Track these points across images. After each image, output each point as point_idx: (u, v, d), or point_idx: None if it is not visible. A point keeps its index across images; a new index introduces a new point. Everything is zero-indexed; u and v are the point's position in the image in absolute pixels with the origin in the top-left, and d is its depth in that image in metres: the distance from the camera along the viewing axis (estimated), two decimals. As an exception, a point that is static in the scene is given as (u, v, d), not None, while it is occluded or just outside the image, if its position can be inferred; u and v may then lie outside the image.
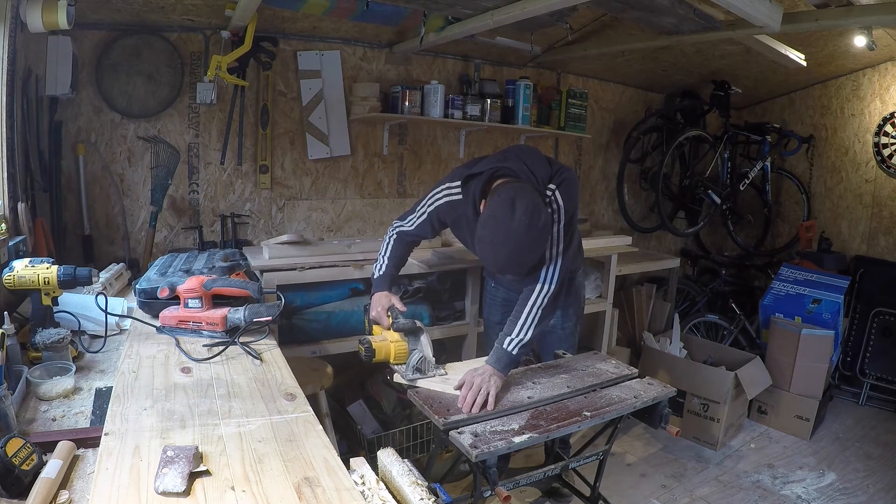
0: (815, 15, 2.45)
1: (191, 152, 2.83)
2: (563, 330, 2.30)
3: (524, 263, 1.70)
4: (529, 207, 1.62)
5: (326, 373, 2.26)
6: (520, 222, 1.60)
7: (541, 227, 1.65)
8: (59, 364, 1.37)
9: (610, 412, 1.71)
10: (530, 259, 1.70)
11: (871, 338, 3.63)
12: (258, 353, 1.46)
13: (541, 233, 1.67)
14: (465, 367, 1.82)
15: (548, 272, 1.84)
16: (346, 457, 1.08)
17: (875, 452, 3.02)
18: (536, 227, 1.63)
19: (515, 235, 1.61)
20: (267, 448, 1.00)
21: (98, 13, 2.44)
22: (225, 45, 2.65)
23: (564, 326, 2.30)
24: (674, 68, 3.80)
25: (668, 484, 2.69)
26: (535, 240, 1.66)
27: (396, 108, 3.11)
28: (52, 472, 0.96)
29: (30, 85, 2.16)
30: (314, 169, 3.15)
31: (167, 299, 1.61)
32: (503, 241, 1.63)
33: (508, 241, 1.62)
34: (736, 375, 2.96)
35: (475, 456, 1.45)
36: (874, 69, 3.81)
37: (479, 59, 3.48)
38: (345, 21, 2.83)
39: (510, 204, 1.62)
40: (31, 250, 1.92)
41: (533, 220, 1.62)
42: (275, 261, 2.50)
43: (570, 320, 2.31)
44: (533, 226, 1.62)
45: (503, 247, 1.63)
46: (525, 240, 1.62)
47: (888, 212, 3.86)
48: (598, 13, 2.81)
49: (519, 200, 1.63)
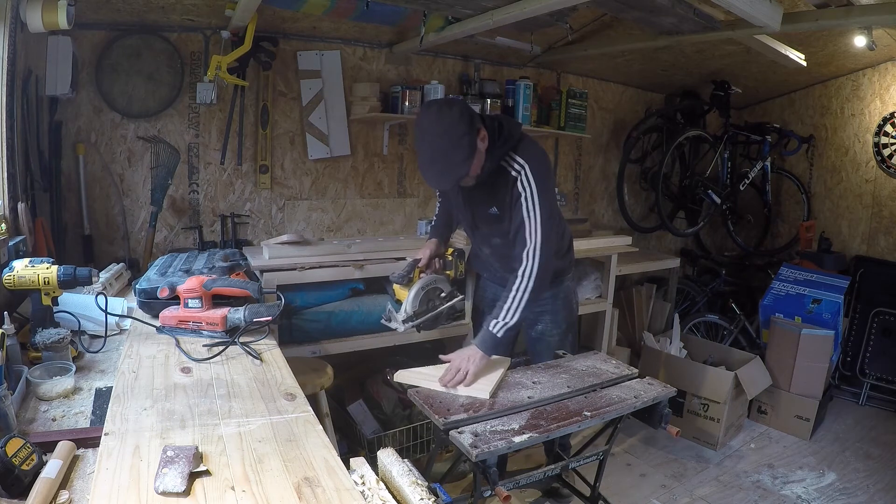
0: (815, 15, 2.45)
1: (191, 152, 2.83)
2: (552, 337, 2.27)
3: (450, 162, 1.76)
4: (441, 101, 1.83)
5: (326, 373, 2.26)
6: (434, 112, 1.79)
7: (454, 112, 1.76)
8: (59, 364, 1.37)
9: (610, 412, 1.71)
10: (454, 155, 1.75)
11: (871, 338, 3.63)
12: (258, 353, 1.46)
13: (454, 116, 1.75)
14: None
15: (527, 253, 1.87)
16: (346, 457, 1.08)
17: (875, 452, 3.02)
18: (449, 112, 1.76)
19: (430, 125, 1.78)
20: (267, 448, 1.00)
21: (98, 13, 2.44)
22: (225, 45, 2.65)
23: (553, 334, 2.27)
24: (674, 68, 3.80)
25: (668, 484, 2.69)
26: (451, 124, 1.74)
27: (396, 108, 3.11)
28: (52, 472, 0.96)
29: (30, 85, 2.16)
30: (314, 169, 3.15)
31: (167, 299, 1.61)
32: (421, 135, 1.80)
33: (427, 133, 1.78)
34: (736, 375, 2.96)
35: (475, 456, 1.45)
36: (874, 69, 3.81)
37: (479, 59, 3.48)
38: (345, 21, 2.83)
39: (428, 105, 1.86)
40: (31, 250, 1.92)
41: (444, 108, 1.78)
42: (275, 261, 2.50)
43: (558, 327, 2.27)
44: (444, 112, 1.76)
45: (423, 141, 1.79)
46: (438, 127, 1.75)
47: (888, 212, 3.86)
48: (598, 13, 2.81)
49: (436, 101, 1.85)
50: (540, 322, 2.27)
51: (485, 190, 1.96)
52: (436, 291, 2.11)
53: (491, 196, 1.96)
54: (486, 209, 1.99)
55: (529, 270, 1.86)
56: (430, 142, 1.77)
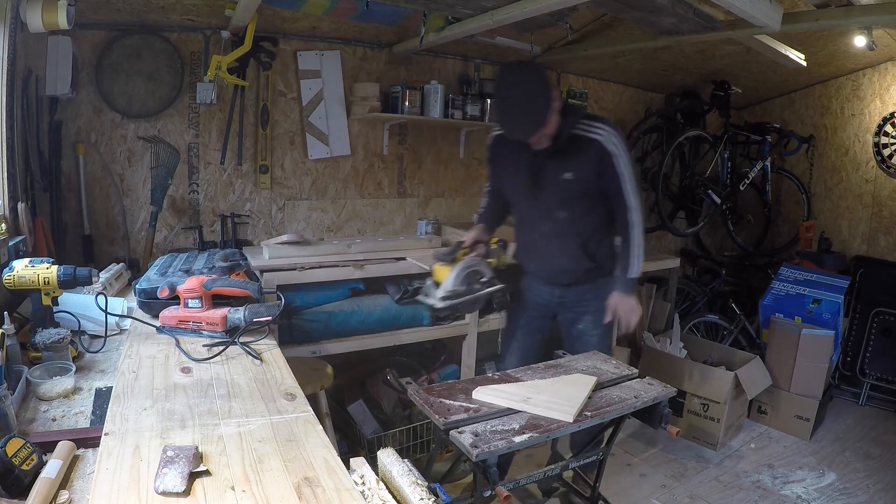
0: (815, 15, 2.45)
1: (191, 152, 2.83)
2: (592, 337, 2.25)
3: (531, 112, 1.88)
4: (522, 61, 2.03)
5: (326, 373, 2.26)
6: (517, 67, 1.99)
7: (535, 68, 1.96)
8: (59, 364, 1.37)
9: (610, 412, 1.71)
10: (535, 106, 1.88)
11: (871, 338, 3.63)
12: (258, 353, 1.46)
13: (535, 72, 1.93)
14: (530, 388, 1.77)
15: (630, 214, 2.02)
16: (346, 457, 1.08)
17: (875, 452, 3.02)
18: (530, 68, 1.97)
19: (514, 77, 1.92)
20: (267, 448, 1.00)
21: (98, 13, 2.44)
22: (225, 45, 2.65)
23: (593, 334, 2.25)
24: (674, 68, 3.80)
25: (668, 484, 2.69)
26: (533, 78, 1.89)
27: (396, 108, 3.11)
28: (52, 472, 0.96)
29: (30, 85, 2.16)
30: (314, 169, 3.15)
31: (167, 299, 1.61)
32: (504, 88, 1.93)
33: (510, 85, 1.91)
34: (736, 375, 2.96)
35: (476, 455, 1.44)
36: (874, 69, 3.81)
37: (479, 59, 3.48)
38: (345, 21, 2.83)
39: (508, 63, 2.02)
40: (31, 250, 1.92)
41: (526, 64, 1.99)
42: (275, 261, 2.51)
43: (599, 328, 2.24)
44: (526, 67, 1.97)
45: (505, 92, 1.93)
46: (522, 78, 1.89)
47: (888, 212, 3.86)
48: (598, 13, 2.81)
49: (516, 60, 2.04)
50: (581, 321, 2.27)
51: (558, 157, 2.01)
52: (476, 275, 2.09)
53: (565, 162, 2.01)
54: (558, 175, 2.03)
55: (636, 226, 2.01)
56: (513, 93, 1.89)
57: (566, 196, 2.06)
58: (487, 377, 1.91)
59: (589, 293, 2.20)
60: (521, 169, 2.10)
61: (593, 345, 2.26)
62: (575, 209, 2.07)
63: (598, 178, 2.00)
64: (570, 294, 2.23)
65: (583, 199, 2.06)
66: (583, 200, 2.06)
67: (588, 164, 1.98)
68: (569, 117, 1.97)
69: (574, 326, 2.29)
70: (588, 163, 1.98)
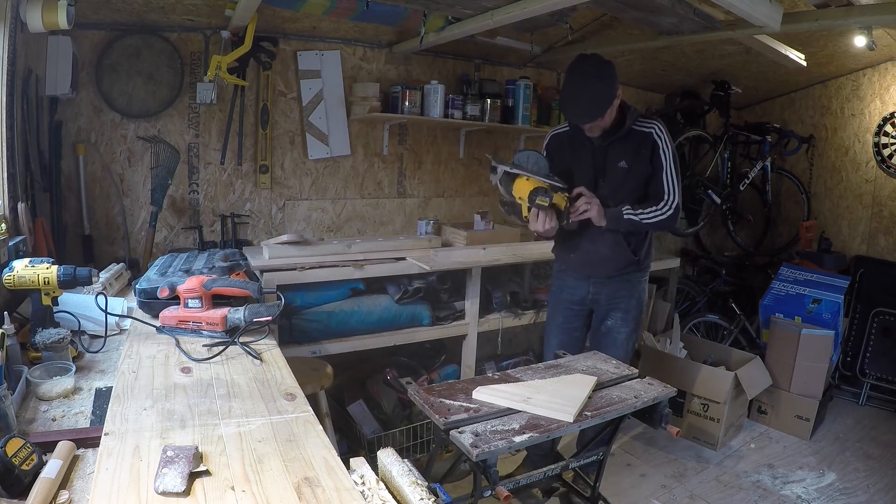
0: (815, 15, 2.45)
1: (191, 152, 2.83)
2: (619, 335, 2.33)
3: (596, 100, 2.04)
4: (597, 54, 2.12)
5: (326, 373, 2.26)
6: (592, 58, 2.10)
7: (607, 64, 2.09)
8: (59, 364, 1.37)
9: (610, 412, 1.71)
10: (601, 95, 2.04)
11: (871, 338, 3.63)
12: (258, 353, 1.46)
13: (606, 66, 2.09)
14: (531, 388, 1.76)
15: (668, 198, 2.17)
16: (346, 457, 1.08)
17: (875, 452, 3.02)
18: (603, 62, 2.09)
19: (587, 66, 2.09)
20: (267, 448, 1.00)
21: (98, 13, 2.44)
22: (225, 45, 2.65)
23: (621, 331, 2.34)
24: (674, 68, 3.80)
25: (668, 484, 2.69)
26: (604, 72, 2.06)
27: (396, 108, 3.11)
28: (52, 472, 0.96)
29: (30, 85, 2.15)
30: (314, 169, 3.15)
31: (167, 299, 1.61)
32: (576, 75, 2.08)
33: (582, 73, 2.07)
34: (736, 375, 2.96)
35: (476, 455, 1.44)
36: (874, 69, 3.81)
37: (479, 59, 3.48)
38: (345, 21, 2.83)
39: (582, 54, 2.13)
40: (31, 250, 1.92)
41: (600, 58, 2.09)
42: (275, 261, 2.51)
43: (627, 326, 2.34)
44: (600, 61, 2.09)
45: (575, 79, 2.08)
46: (594, 69, 2.06)
47: (888, 212, 3.86)
48: (598, 13, 2.81)
49: (591, 53, 2.13)
50: (610, 318, 2.35)
51: (616, 147, 2.19)
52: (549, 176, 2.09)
53: (622, 152, 2.19)
54: (615, 163, 2.20)
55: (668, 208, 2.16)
56: (584, 81, 2.06)
57: (621, 184, 2.20)
58: (487, 377, 1.91)
59: (622, 290, 2.31)
60: (584, 161, 2.24)
61: (620, 342, 2.34)
62: (626, 199, 2.19)
63: (648, 166, 2.17)
64: (605, 291, 2.32)
65: (634, 190, 2.20)
66: (634, 191, 2.20)
67: (641, 154, 2.17)
68: (631, 114, 2.17)
69: (603, 323, 2.37)
70: (642, 148, 2.17)
